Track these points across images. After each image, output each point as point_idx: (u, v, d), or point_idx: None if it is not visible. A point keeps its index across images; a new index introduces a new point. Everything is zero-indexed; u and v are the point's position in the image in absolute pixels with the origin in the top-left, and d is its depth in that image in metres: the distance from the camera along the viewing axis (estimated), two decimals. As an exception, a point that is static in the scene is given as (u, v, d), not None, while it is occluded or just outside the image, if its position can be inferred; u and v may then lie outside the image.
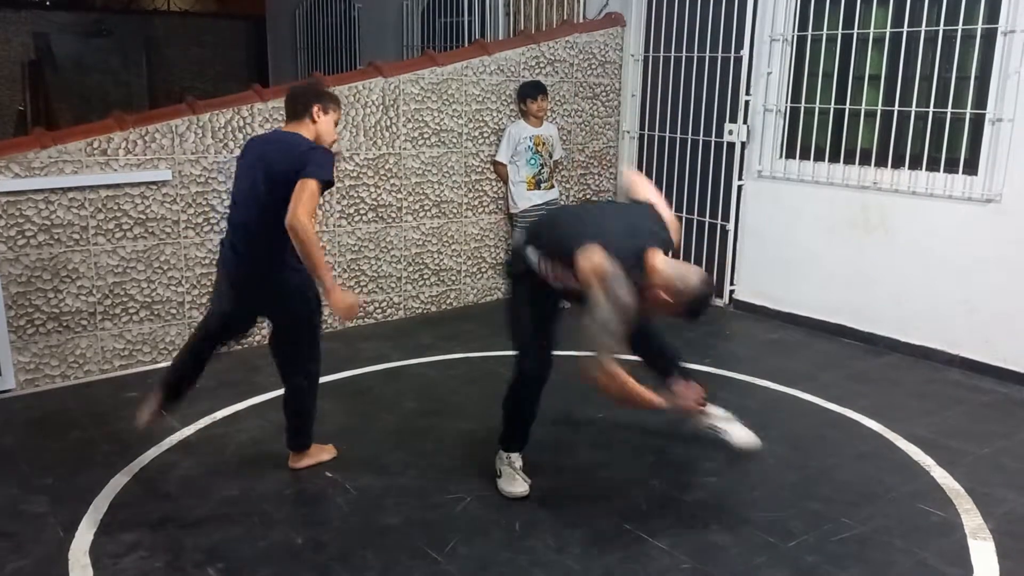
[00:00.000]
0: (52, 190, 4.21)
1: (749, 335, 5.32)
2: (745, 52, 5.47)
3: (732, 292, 5.81)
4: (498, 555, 2.87)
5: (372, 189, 5.26)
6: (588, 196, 6.31)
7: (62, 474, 3.41)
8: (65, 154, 4.22)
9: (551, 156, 5.69)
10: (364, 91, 5.12)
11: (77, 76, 11.69)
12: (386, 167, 5.29)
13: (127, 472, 3.42)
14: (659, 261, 2.80)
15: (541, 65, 5.83)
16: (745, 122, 5.55)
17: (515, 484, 3.24)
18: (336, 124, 3.27)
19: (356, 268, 5.28)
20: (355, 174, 5.18)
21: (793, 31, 5.27)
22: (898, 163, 4.86)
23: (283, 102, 3.39)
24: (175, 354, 4.56)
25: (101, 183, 4.33)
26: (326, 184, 3.00)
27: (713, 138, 5.77)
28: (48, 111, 11.05)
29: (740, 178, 5.64)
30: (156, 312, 4.61)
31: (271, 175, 3.04)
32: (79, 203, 4.29)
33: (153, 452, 3.60)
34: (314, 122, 3.18)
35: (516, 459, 3.33)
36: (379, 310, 5.45)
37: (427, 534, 2.99)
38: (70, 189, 4.25)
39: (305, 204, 2.90)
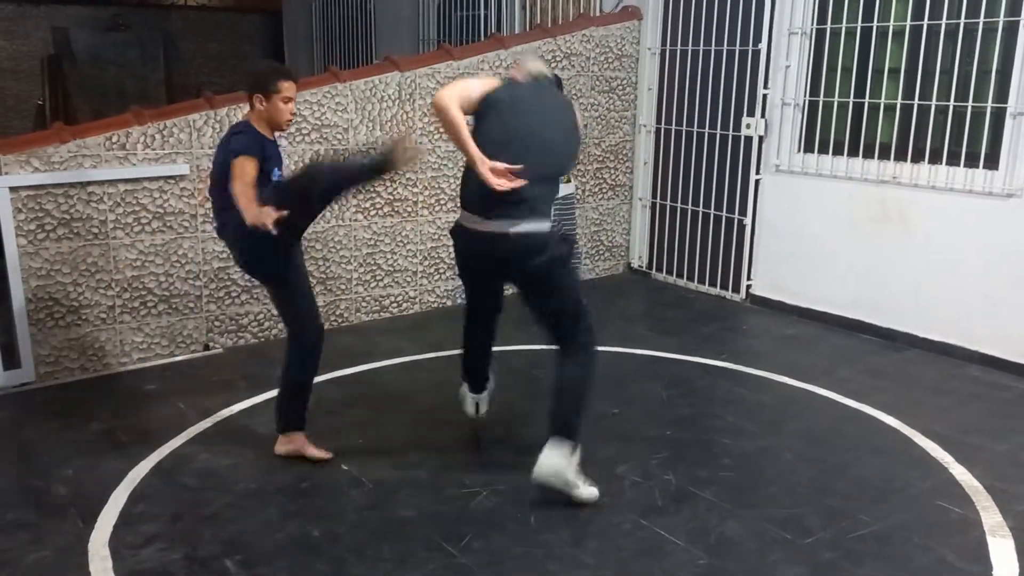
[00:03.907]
0: (71, 184, 4.24)
1: (766, 330, 5.30)
2: (763, 45, 5.43)
3: (749, 287, 5.79)
4: (513, 548, 2.88)
5: (388, 183, 5.26)
6: (602, 190, 6.31)
7: (82, 466, 3.44)
8: (84, 148, 4.25)
9: (567, 150, 5.67)
10: (380, 85, 5.13)
11: (95, 70, 11.76)
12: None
13: (146, 464, 3.45)
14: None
15: (557, 59, 5.82)
16: (763, 116, 5.51)
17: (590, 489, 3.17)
18: (287, 102, 3.32)
19: (372, 262, 5.29)
20: (371, 168, 5.18)
21: (812, 24, 5.23)
22: (918, 157, 4.81)
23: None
24: (192, 347, 4.62)
25: (120, 177, 4.35)
26: (243, 158, 3.13)
27: (730, 132, 5.74)
28: (67, 105, 11.13)
29: (757, 172, 5.61)
30: (174, 306, 4.63)
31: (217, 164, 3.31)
32: (98, 197, 4.32)
33: (172, 444, 3.63)
34: (256, 110, 3.31)
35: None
36: (395, 304, 5.47)
37: (442, 527, 3.00)
38: (89, 183, 4.28)
39: (237, 179, 3.09)
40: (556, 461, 3.05)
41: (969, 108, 4.56)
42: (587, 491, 3.14)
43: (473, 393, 3.71)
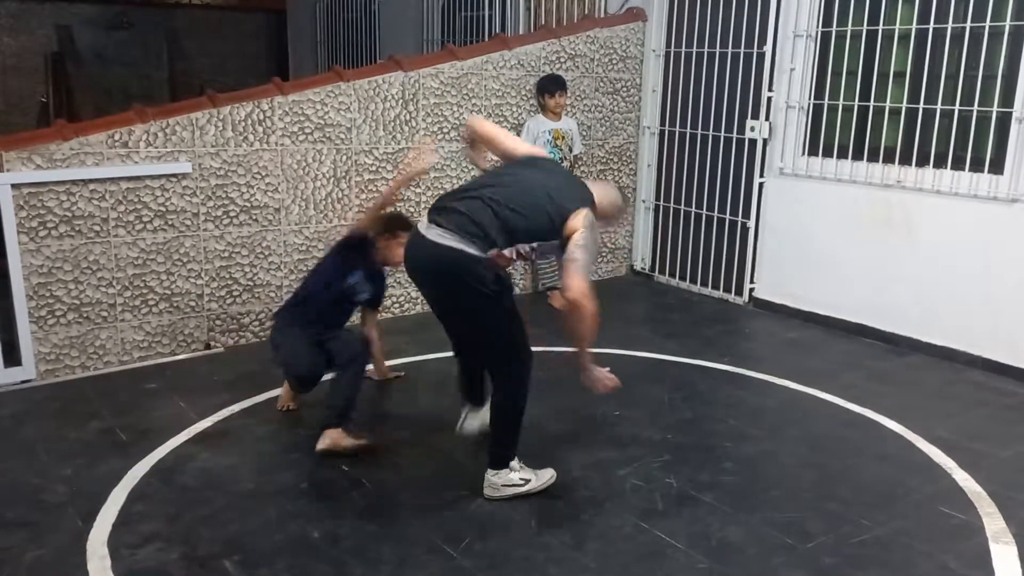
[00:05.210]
0: (74, 182, 4.23)
1: (769, 333, 5.29)
2: (768, 48, 5.42)
3: (752, 290, 5.78)
4: (514, 551, 2.87)
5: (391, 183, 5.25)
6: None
7: (81, 464, 3.43)
8: (87, 146, 4.24)
9: (571, 151, 5.67)
10: (384, 85, 5.12)
11: (99, 68, 11.76)
12: (405, 161, 5.28)
13: (145, 463, 3.44)
14: (599, 195, 3.16)
15: (561, 60, 5.81)
16: (767, 119, 5.50)
17: (542, 474, 3.24)
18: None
19: (374, 262, 5.28)
20: (374, 168, 5.18)
21: (817, 27, 5.22)
22: (922, 161, 4.80)
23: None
24: (193, 346, 4.60)
25: (122, 175, 4.35)
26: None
27: (735, 135, 5.73)
28: (70, 103, 11.12)
29: (761, 175, 5.60)
30: (175, 304, 4.63)
31: None
32: (100, 195, 4.32)
33: (171, 444, 3.62)
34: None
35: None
36: (396, 305, 5.45)
37: (443, 529, 2.99)
38: (91, 181, 4.28)
39: None
40: (489, 492, 3.18)
41: (974, 112, 4.54)
42: (538, 480, 3.20)
43: (478, 406, 3.58)
